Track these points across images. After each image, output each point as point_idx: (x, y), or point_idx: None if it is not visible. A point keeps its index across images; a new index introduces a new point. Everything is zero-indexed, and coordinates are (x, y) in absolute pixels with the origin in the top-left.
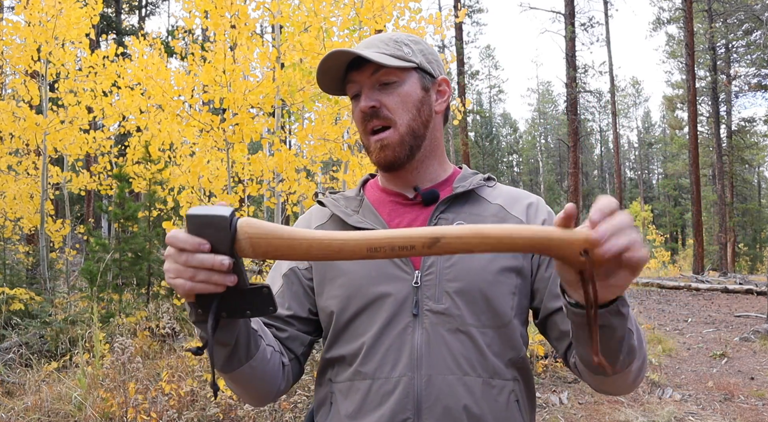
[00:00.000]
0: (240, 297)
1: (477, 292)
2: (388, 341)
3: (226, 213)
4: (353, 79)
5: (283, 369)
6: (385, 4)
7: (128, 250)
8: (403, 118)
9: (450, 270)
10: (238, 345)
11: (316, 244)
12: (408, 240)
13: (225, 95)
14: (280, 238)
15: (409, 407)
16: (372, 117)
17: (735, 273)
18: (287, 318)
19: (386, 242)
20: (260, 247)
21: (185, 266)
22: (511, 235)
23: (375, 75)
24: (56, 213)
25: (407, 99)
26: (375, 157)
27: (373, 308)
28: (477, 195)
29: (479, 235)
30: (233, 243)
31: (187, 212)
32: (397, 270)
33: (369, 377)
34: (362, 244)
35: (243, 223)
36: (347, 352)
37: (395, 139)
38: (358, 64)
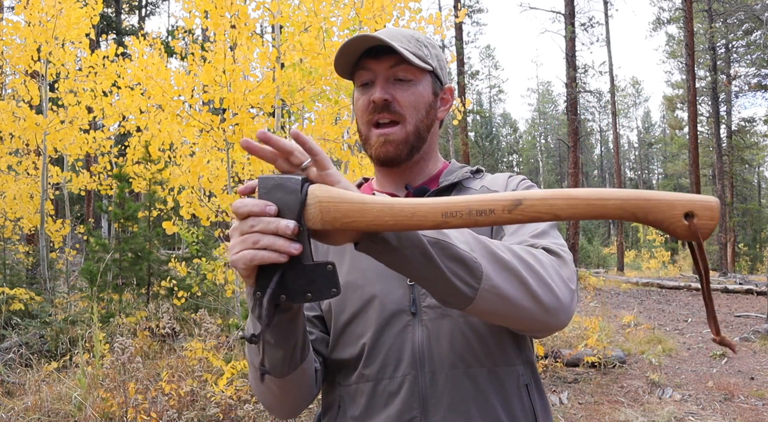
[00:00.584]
0: (302, 274)
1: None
2: (388, 341)
3: (298, 177)
4: (368, 67)
5: (316, 374)
6: (385, 4)
7: (128, 250)
8: (413, 118)
9: None
10: (296, 347)
11: (387, 209)
12: (487, 203)
13: (225, 95)
14: (351, 202)
15: (415, 405)
16: (382, 109)
17: (735, 273)
18: (314, 319)
19: (463, 206)
20: (329, 213)
21: (249, 232)
22: (601, 197)
23: (394, 68)
24: (56, 213)
25: (420, 99)
26: (375, 150)
27: (369, 309)
28: (463, 186)
29: (565, 197)
30: (302, 209)
31: (260, 176)
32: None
33: (373, 378)
34: (437, 209)
35: (314, 187)
36: (349, 355)
37: (401, 136)
38: (377, 53)
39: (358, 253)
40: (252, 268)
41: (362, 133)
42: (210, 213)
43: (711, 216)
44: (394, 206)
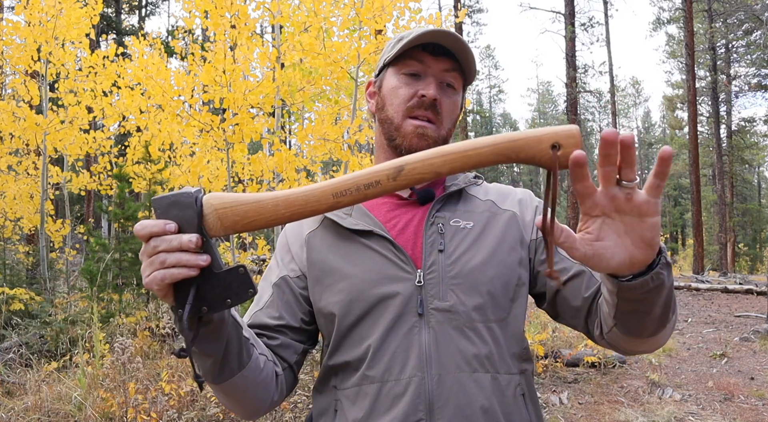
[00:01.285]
0: (217, 283)
1: (481, 288)
2: (395, 342)
3: (191, 191)
4: (424, 60)
5: (276, 379)
6: (385, 4)
7: (128, 250)
8: (447, 124)
9: (452, 267)
10: (229, 354)
11: (282, 202)
12: (372, 176)
13: (225, 95)
14: (246, 204)
15: (421, 408)
16: (429, 107)
17: (735, 273)
18: (279, 327)
19: (351, 183)
20: (228, 218)
21: (155, 253)
22: (474, 146)
23: (448, 73)
24: (56, 213)
25: (455, 109)
26: (408, 140)
27: (376, 311)
28: (467, 193)
29: (443, 154)
30: (201, 221)
31: (153, 197)
32: (399, 271)
33: (378, 380)
34: (327, 191)
35: (208, 197)
36: (352, 357)
37: (435, 136)
38: (434, 51)
39: (362, 255)
40: (166, 287)
41: (393, 120)
42: None
43: (574, 144)
44: (288, 198)
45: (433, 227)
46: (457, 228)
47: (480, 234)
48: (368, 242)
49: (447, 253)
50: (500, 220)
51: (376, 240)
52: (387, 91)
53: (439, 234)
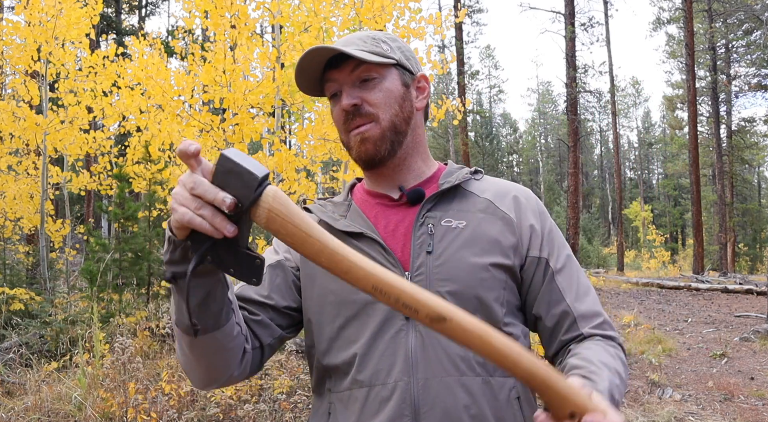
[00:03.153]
0: (232, 254)
1: (469, 291)
2: (381, 346)
3: (259, 173)
4: (332, 78)
5: (243, 355)
6: (385, 4)
7: (128, 250)
8: (386, 114)
9: (440, 270)
10: (208, 309)
11: (327, 253)
12: (415, 302)
13: (225, 95)
14: (297, 227)
15: (407, 412)
16: (354, 115)
17: (735, 273)
18: (263, 304)
19: (395, 292)
20: (275, 223)
21: (191, 193)
22: (515, 360)
23: (355, 72)
24: (56, 213)
25: (389, 94)
26: (356, 151)
27: (364, 314)
28: (464, 189)
29: (484, 341)
30: (251, 205)
31: (223, 151)
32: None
33: (366, 384)
34: (371, 279)
35: (270, 193)
36: (342, 361)
37: (376, 133)
38: (337, 63)
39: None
40: (187, 227)
41: (344, 142)
42: None
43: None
44: (334, 255)
45: (423, 228)
46: (448, 229)
47: (472, 235)
48: (359, 244)
49: (435, 255)
50: (495, 222)
51: (366, 243)
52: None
53: (428, 236)
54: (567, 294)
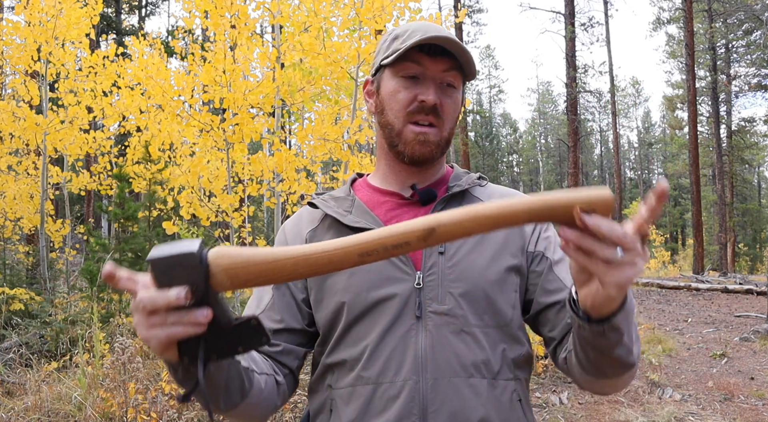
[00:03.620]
0: (225, 335)
1: (480, 292)
2: (391, 344)
3: (193, 249)
4: (423, 63)
5: (278, 388)
6: (385, 4)
7: (128, 250)
8: (449, 124)
9: (452, 270)
10: (231, 389)
11: (303, 261)
12: (401, 236)
13: (225, 95)
14: (261, 264)
15: (414, 411)
16: (429, 112)
17: (735, 273)
18: (280, 331)
19: (378, 243)
20: (239, 278)
21: (148, 313)
22: (510, 211)
23: (448, 73)
24: (56, 213)
25: (457, 108)
26: (410, 148)
27: (375, 312)
28: (471, 194)
29: (475, 217)
30: (208, 280)
31: (149, 256)
32: (398, 272)
33: (372, 382)
34: (352, 251)
35: (214, 255)
36: (348, 357)
37: (437, 140)
38: (433, 53)
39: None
40: (168, 345)
41: (393, 126)
42: (210, 214)
43: (607, 210)
44: (309, 258)
45: None
46: None
47: (482, 238)
48: None
49: (447, 256)
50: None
51: None
52: (386, 94)
53: None
54: (567, 282)
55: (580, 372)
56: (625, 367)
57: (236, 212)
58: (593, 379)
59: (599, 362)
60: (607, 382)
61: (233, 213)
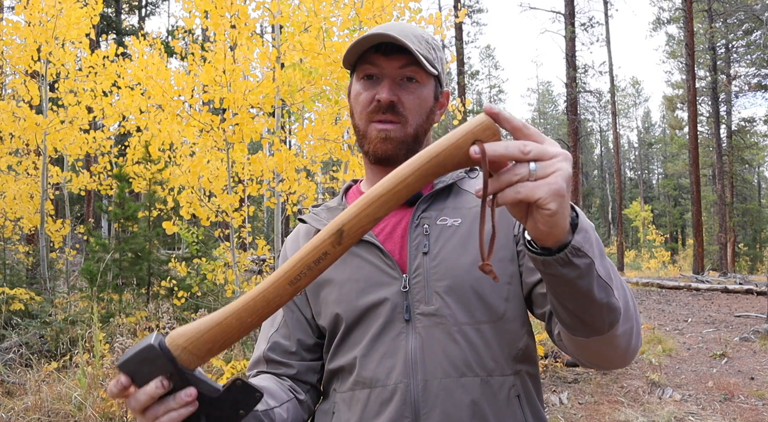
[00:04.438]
0: (220, 404)
1: (467, 288)
2: (382, 348)
3: (150, 341)
4: (377, 63)
5: (301, 405)
6: (385, 4)
7: (128, 250)
8: (414, 120)
9: (437, 270)
10: None
11: (244, 312)
12: (317, 250)
13: (225, 95)
14: (209, 329)
15: (407, 414)
16: (387, 110)
17: (735, 273)
18: (295, 351)
19: (301, 265)
20: (200, 349)
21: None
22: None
23: (404, 69)
24: (56, 213)
25: (423, 103)
26: (373, 146)
27: (367, 318)
28: (459, 187)
29: (371, 200)
30: (175, 363)
31: (117, 363)
32: (385, 277)
33: (367, 386)
34: (282, 283)
35: (171, 339)
36: (345, 362)
37: (400, 136)
38: (387, 50)
39: (351, 264)
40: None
41: (359, 128)
42: (210, 214)
43: (492, 134)
44: (247, 306)
45: (419, 229)
46: (444, 227)
47: (468, 232)
48: (357, 249)
49: (431, 255)
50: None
51: (364, 247)
52: (352, 97)
53: (424, 236)
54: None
55: (569, 337)
56: (610, 311)
57: (236, 212)
58: (584, 340)
59: (581, 310)
60: (599, 340)
61: (233, 213)
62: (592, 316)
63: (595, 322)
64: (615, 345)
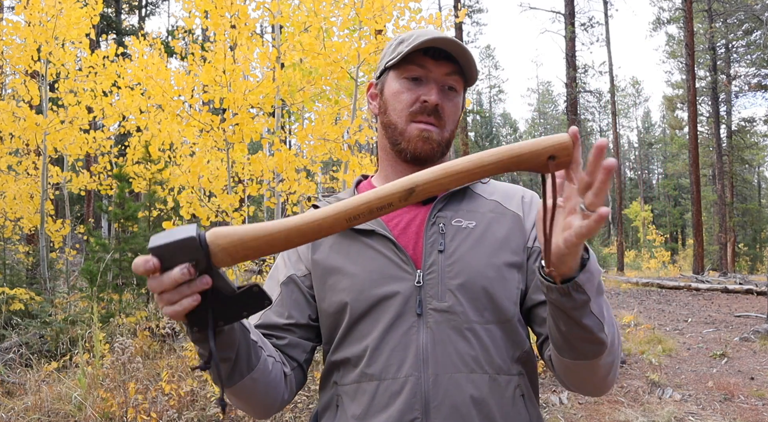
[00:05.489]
0: (230, 303)
1: (479, 288)
2: (393, 341)
3: (190, 233)
4: (427, 66)
5: (285, 378)
6: (385, 4)
7: (128, 250)
8: (450, 126)
9: (452, 268)
10: (239, 359)
11: (294, 232)
12: (384, 198)
13: (225, 95)
14: (256, 239)
15: (417, 407)
16: (431, 113)
17: (735, 273)
18: (287, 326)
19: (364, 208)
20: (238, 254)
21: (160, 293)
22: (480, 163)
23: (450, 77)
24: (56, 213)
25: (457, 111)
26: (413, 144)
27: (377, 310)
28: (472, 191)
29: (449, 173)
30: (209, 259)
31: (150, 245)
32: (399, 271)
33: (376, 378)
34: (341, 217)
35: (212, 236)
36: (352, 354)
37: (439, 139)
38: (437, 56)
39: (364, 255)
40: (182, 315)
41: (396, 125)
42: (210, 214)
43: (567, 155)
44: (300, 228)
45: (434, 227)
46: (459, 228)
47: (482, 235)
48: (370, 241)
49: (447, 254)
50: (504, 221)
51: (378, 240)
52: (389, 95)
53: (440, 234)
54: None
55: (557, 358)
56: (597, 344)
57: (236, 212)
58: (570, 362)
59: (571, 335)
60: (583, 365)
61: (233, 214)
62: (580, 342)
63: (582, 348)
64: (596, 373)
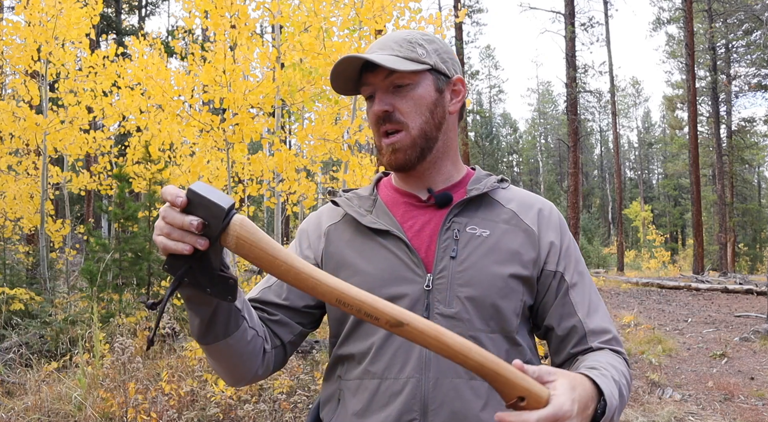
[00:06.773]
0: (206, 274)
1: (487, 299)
2: (397, 342)
3: (225, 206)
4: (367, 82)
5: (263, 354)
6: (385, 4)
7: (128, 250)
8: (416, 122)
9: (462, 275)
10: (216, 321)
11: (294, 273)
12: (376, 311)
13: (225, 95)
14: (264, 252)
15: (415, 408)
16: (385, 120)
17: (735, 273)
18: (281, 306)
19: (356, 304)
20: (243, 249)
21: (165, 222)
22: (466, 354)
23: (389, 78)
24: (56, 213)
25: (420, 102)
26: (386, 159)
27: None
28: (491, 198)
29: (439, 340)
30: (221, 232)
31: (191, 186)
32: (410, 273)
33: (378, 376)
34: (334, 293)
35: (237, 221)
36: (357, 351)
37: (407, 142)
38: (373, 66)
39: (377, 254)
40: (166, 252)
41: (376, 144)
42: None
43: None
44: (300, 274)
45: (449, 232)
46: (473, 236)
47: (495, 245)
48: (384, 241)
49: (458, 260)
50: (518, 234)
51: (391, 240)
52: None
53: (453, 240)
54: (579, 310)
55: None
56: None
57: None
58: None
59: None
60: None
61: None
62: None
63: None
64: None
